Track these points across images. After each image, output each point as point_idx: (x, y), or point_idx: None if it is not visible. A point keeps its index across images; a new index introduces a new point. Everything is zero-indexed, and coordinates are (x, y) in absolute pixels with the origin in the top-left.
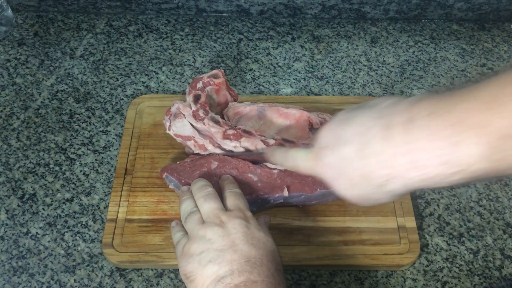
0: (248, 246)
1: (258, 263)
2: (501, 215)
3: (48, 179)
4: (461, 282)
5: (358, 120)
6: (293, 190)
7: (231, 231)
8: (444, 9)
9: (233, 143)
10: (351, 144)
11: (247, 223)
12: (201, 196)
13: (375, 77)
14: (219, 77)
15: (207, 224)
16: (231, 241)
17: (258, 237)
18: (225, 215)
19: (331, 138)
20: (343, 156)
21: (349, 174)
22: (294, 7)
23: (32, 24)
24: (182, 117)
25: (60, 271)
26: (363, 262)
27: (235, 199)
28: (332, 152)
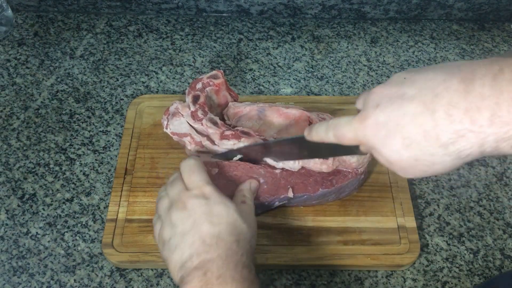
0: (206, 224)
1: (214, 241)
2: (501, 215)
3: (48, 179)
4: (461, 282)
5: (427, 75)
6: (297, 190)
7: (190, 213)
8: (444, 9)
9: (230, 141)
10: (416, 99)
11: (206, 200)
12: (168, 183)
13: (375, 77)
14: (218, 77)
15: (172, 209)
16: (192, 222)
17: (217, 212)
18: (185, 196)
19: (387, 96)
20: (403, 112)
21: (408, 131)
22: (294, 7)
23: (32, 24)
24: (180, 116)
25: (60, 271)
26: (363, 262)
27: (191, 174)
28: (388, 109)
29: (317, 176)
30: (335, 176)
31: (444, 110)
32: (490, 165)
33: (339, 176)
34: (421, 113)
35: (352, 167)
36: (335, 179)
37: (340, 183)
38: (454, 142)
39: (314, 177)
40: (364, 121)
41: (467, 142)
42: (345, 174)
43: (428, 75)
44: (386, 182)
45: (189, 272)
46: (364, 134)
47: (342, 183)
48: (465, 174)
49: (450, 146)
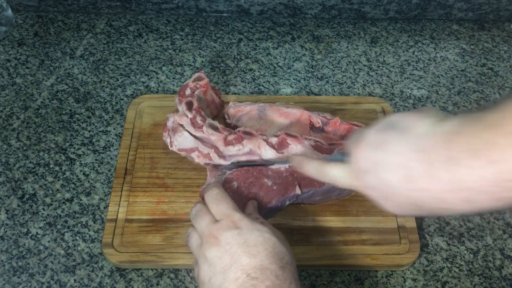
0: (246, 257)
1: (259, 273)
2: (501, 215)
3: (48, 179)
4: (461, 282)
5: (394, 148)
6: (304, 186)
7: (226, 247)
8: (444, 9)
9: (236, 147)
10: (393, 172)
11: (238, 231)
12: (192, 216)
13: (375, 77)
14: (203, 78)
15: (204, 246)
16: (230, 258)
17: (253, 241)
18: (215, 229)
19: (368, 162)
20: (387, 183)
21: (396, 199)
22: (294, 7)
23: (32, 24)
24: (181, 130)
25: (60, 271)
26: (363, 262)
27: (217, 204)
28: (374, 177)
29: None
30: None
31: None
32: None
33: None
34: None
35: None
36: None
37: None
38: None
39: None
40: (359, 182)
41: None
42: None
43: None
44: None
45: None
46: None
47: None
48: None
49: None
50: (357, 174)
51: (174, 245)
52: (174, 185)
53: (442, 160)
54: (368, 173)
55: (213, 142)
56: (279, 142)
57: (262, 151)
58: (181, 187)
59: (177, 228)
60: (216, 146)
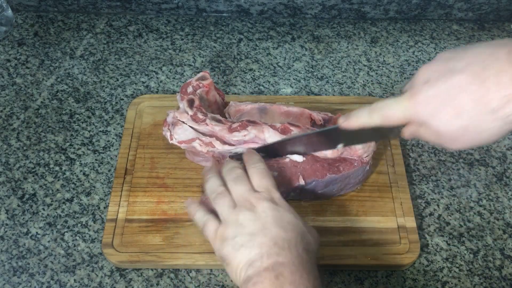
0: (277, 228)
1: (286, 245)
2: (501, 215)
3: (48, 179)
4: (461, 282)
5: (473, 51)
6: (306, 176)
7: (261, 215)
8: (444, 9)
9: (241, 133)
10: (465, 72)
11: (276, 206)
12: (231, 178)
13: (375, 77)
14: (206, 78)
15: (239, 208)
16: (262, 225)
17: (288, 219)
18: (254, 197)
19: (436, 72)
20: (454, 83)
21: (459, 101)
22: (294, 7)
23: (32, 24)
24: (181, 124)
25: (60, 271)
26: (363, 262)
27: (262, 178)
28: (438, 83)
29: (323, 162)
30: (341, 163)
31: (494, 78)
32: (490, 165)
33: (346, 163)
34: (472, 82)
35: (358, 154)
36: (342, 166)
37: (347, 170)
38: (502, 107)
39: (321, 162)
40: (414, 97)
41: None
42: (351, 161)
43: (475, 51)
44: (386, 182)
45: (259, 272)
46: (415, 110)
47: (349, 170)
48: (465, 174)
49: (499, 111)
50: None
51: (174, 245)
52: (174, 185)
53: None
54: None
55: (217, 132)
56: (282, 128)
57: (266, 135)
58: (181, 187)
59: (177, 228)
60: (221, 135)
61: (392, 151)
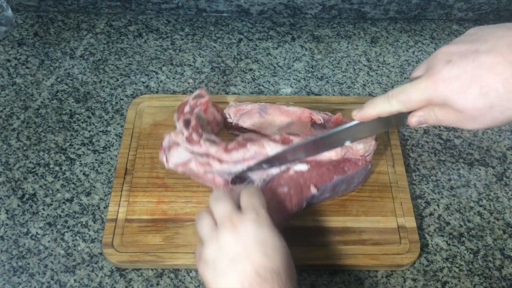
0: (260, 255)
1: (269, 276)
2: (501, 215)
3: (48, 179)
4: (461, 282)
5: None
6: (316, 183)
7: (242, 237)
8: (444, 9)
9: (240, 152)
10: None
11: (259, 226)
12: (212, 198)
13: (375, 77)
14: (203, 96)
15: (219, 228)
16: (243, 247)
17: (271, 243)
18: (237, 216)
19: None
20: (480, 63)
21: (487, 80)
22: (294, 7)
23: (32, 24)
24: (176, 146)
25: (60, 271)
26: (363, 262)
27: (249, 197)
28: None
29: (328, 165)
30: (345, 163)
31: None
32: (490, 165)
33: (350, 163)
34: (500, 63)
35: (360, 154)
36: (347, 166)
37: (352, 170)
38: None
39: (326, 166)
40: (435, 76)
41: None
42: (355, 161)
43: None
44: (386, 182)
45: None
46: (435, 89)
47: (354, 170)
48: (465, 174)
49: None
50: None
51: (174, 245)
52: (174, 185)
53: None
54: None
55: (212, 154)
56: (282, 139)
57: (267, 149)
58: (181, 187)
59: (177, 228)
60: (218, 157)
61: (392, 151)
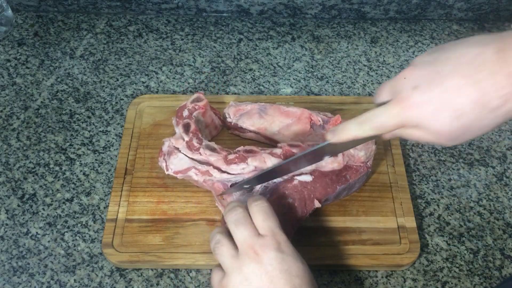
0: (288, 286)
1: None
2: (501, 215)
3: (48, 179)
4: (461, 282)
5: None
6: (319, 196)
7: (267, 268)
8: (444, 9)
9: (240, 166)
10: (457, 74)
11: (282, 255)
12: (232, 220)
13: (375, 77)
14: (202, 99)
15: (242, 258)
16: (270, 281)
17: (296, 272)
18: (258, 245)
19: (423, 77)
20: (448, 87)
21: (457, 103)
22: (294, 7)
23: (32, 24)
24: (176, 152)
25: (60, 271)
26: (363, 262)
27: (265, 219)
28: (429, 88)
29: (331, 175)
30: (347, 171)
31: (489, 79)
32: (490, 165)
33: (352, 171)
34: (467, 84)
35: (361, 160)
36: (348, 174)
37: (354, 177)
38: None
39: (329, 176)
40: (405, 102)
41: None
42: (356, 168)
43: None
44: (386, 182)
45: None
46: (408, 115)
47: (356, 178)
48: (465, 174)
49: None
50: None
51: (174, 245)
52: (174, 185)
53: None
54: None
55: (212, 163)
56: (284, 154)
57: (268, 164)
58: (181, 187)
59: (177, 228)
60: (217, 166)
61: (392, 151)
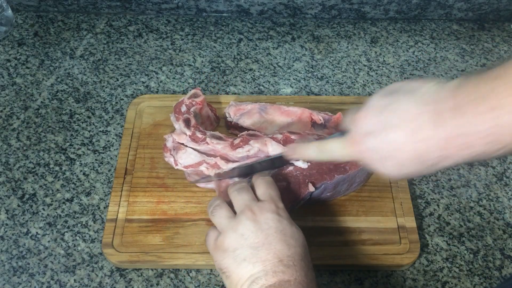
0: (281, 244)
1: (291, 263)
2: (501, 215)
3: (48, 179)
4: (461, 282)
5: (402, 106)
6: (315, 181)
7: (263, 226)
8: (444, 9)
9: (245, 148)
10: (400, 129)
11: (279, 217)
12: (234, 189)
13: (375, 77)
14: (199, 95)
15: (239, 217)
16: (264, 237)
17: (290, 233)
18: (257, 206)
19: (373, 124)
20: (392, 140)
21: (399, 156)
22: (294, 7)
23: (32, 24)
24: (183, 147)
25: (60, 271)
26: (363, 262)
27: (267, 188)
28: (378, 137)
29: (329, 164)
30: (346, 163)
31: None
32: (490, 165)
33: (351, 163)
34: (406, 142)
35: None
36: (348, 165)
37: (353, 169)
38: (437, 163)
39: (327, 165)
40: (357, 146)
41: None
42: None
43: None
44: (386, 182)
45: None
46: (360, 157)
47: (355, 170)
48: (465, 174)
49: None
50: (357, 140)
51: (174, 245)
52: (174, 185)
53: (448, 109)
54: (372, 135)
55: (219, 150)
56: (284, 139)
57: (269, 148)
58: (181, 187)
59: (177, 228)
60: (224, 153)
61: None
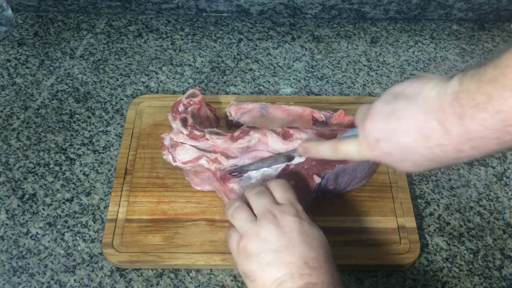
0: (305, 246)
1: (317, 265)
2: (501, 215)
3: (48, 179)
4: (461, 282)
5: (406, 113)
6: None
7: (285, 229)
8: (444, 9)
9: (245, 139)
10: (410, 135)
11: (300, 220)
12: (253, 193)
13: (375, 77)
14: (197, 95)
15: (260, 221)
16: (288, 241)
17: (313, 235)
18: (277, 210)
19: (382, 131)
20: (405, 145)
21: (414, 159)
22: (294, 7)
23: (32, 24)
24: (182, 144)
25: (60, 271)
26: (363, 262)
27: (284, 191)
28: (391, 144)
29: None
30: None
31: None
32: (490, 165)
33: None
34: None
35: None
36: None
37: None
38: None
39: None
40: (372, 151)
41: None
42: None
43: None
44: (386, 182)
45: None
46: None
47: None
48: (465, 174)
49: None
50: (371, 145)
51: (174, 245)
52: (174, 185)
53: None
54: (384, 141)
55: (220, 145)
56: (283, 133)
57: (269, 139)
58: (181, 187)
59: (177, 228)
60: (225, 148)
61: None
